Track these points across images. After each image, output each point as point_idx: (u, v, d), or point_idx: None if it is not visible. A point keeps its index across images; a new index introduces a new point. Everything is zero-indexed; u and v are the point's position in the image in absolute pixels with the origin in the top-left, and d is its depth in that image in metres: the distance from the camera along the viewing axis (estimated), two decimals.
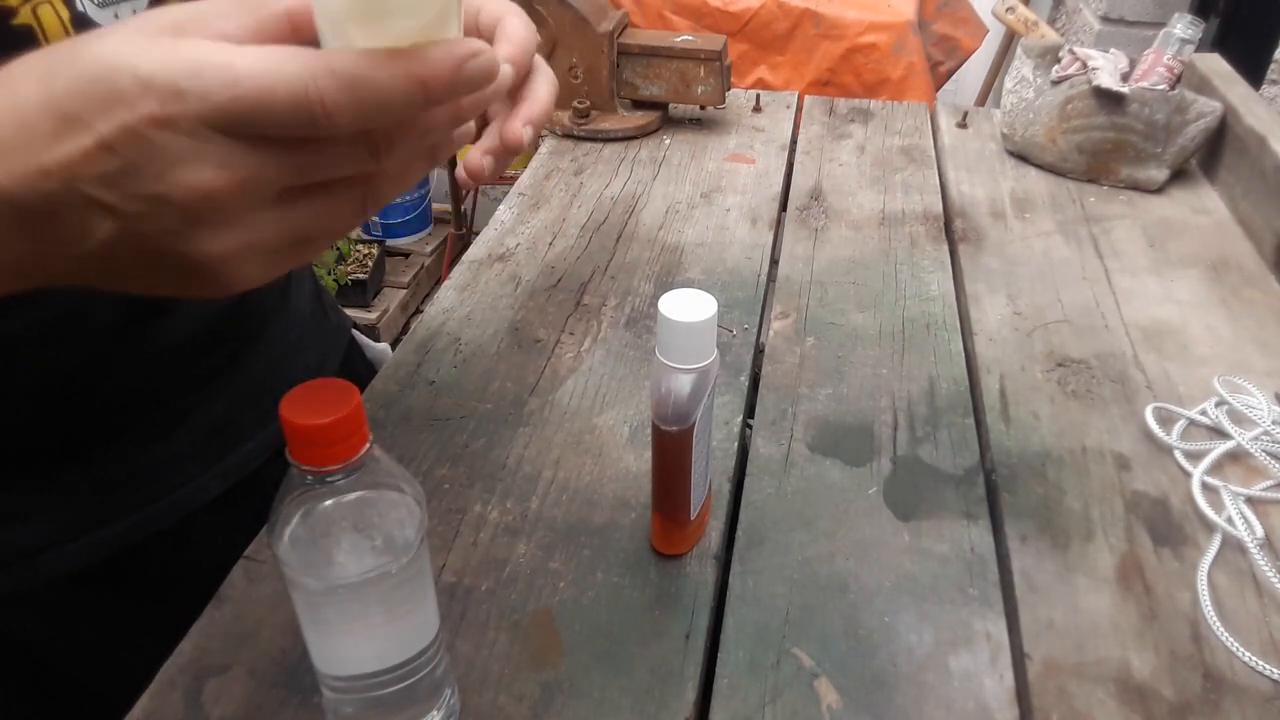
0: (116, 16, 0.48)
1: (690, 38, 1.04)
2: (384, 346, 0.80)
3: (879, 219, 0.90)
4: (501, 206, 0.93)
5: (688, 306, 0.45)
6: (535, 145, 1.04)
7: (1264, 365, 0.70)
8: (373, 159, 0.31)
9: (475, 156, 0.41)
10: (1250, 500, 0.57)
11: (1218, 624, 0.50)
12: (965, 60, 1.94)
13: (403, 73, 0.28)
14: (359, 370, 0.74)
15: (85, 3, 0.47)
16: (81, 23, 0.46)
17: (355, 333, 0.80)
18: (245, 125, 0.28)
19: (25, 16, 0.44)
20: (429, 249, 2.62)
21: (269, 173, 0.29)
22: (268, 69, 0.27)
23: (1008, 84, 1.03)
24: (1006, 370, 0.70)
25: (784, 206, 0.94)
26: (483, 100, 0.34)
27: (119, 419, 0.57)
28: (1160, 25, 1.01)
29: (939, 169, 1.01)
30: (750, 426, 0.65)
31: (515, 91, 0.42)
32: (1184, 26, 0.98)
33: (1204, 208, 0.92)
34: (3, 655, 0.57)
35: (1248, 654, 0.49)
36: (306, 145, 0.30)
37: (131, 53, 0.27)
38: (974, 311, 0.77)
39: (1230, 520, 0.55)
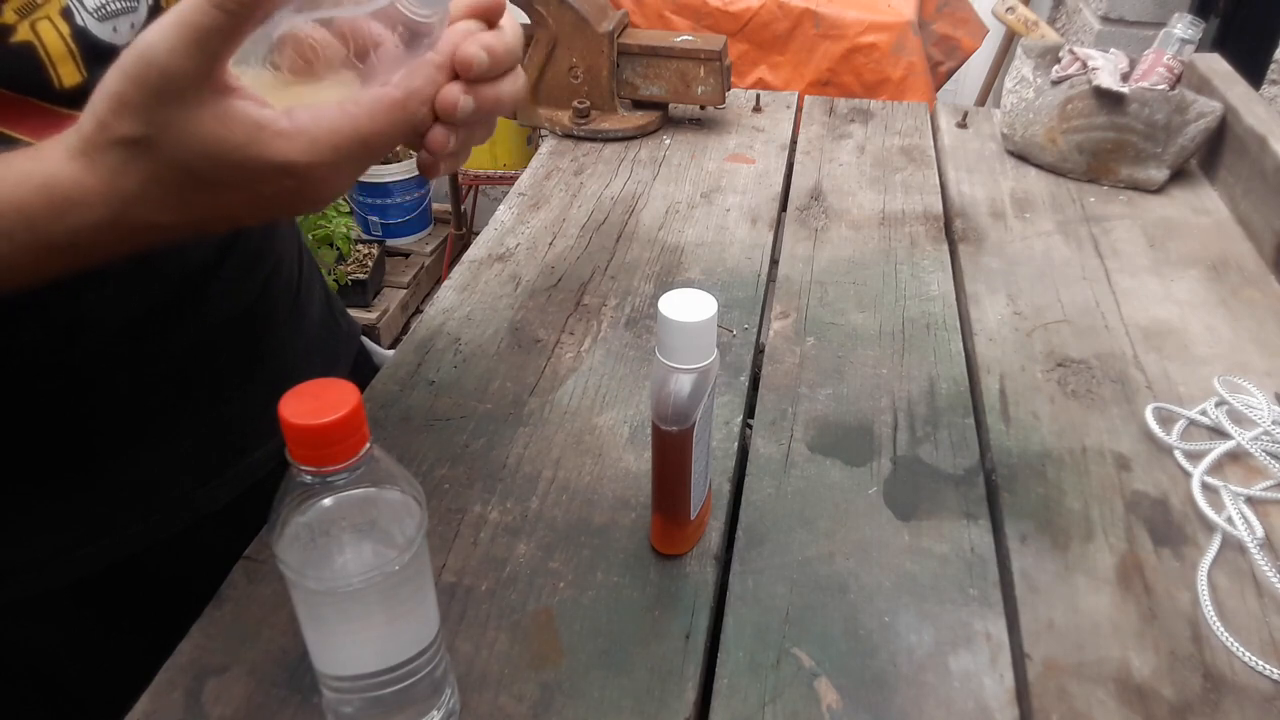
0: (115, 30, 0.48)
1: (690, 38, 1.04)
2: (393, 354, 0.80)
3: (879, 219, 0.90)
4: (501, 206, 0.93)
5: (688, 306, 0.45)
6: (536, 145, 1.04)
7: (1264, 365, 0.70)
8: None
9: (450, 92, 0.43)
10: (1250, 500, 0.57)
11: (1218, 624, 0.50)
12: (965, 60, 1.93)
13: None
14: (367, 378, 0.75)
15: (85, 17, 0.46)
16: (82, 37, 0.46)
17: (365, 340, 0.80)
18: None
19: (24, 33, 0.44)
20: (429, 249, 2.62)
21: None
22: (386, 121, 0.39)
23: (1008, 84, 1.03)
24: (1006, 370, 0.70)
25: (784, 206, 0.94)
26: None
27: (128, 425, 0.57)
28: (1160, 25, 1.01)
29: (939, 169, 1.01)
30: (750, 426, 0.65)
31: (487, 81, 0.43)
32: (1184, 26, 0.98)
33: (1204, 208, 0.92)
34: (6, 661, 0.57)
35: (1248, 654, 0.49)
36: None
37: (253, 150, 0.36)
38: (974, 311, 0.77)
39: (1230, 520, 0.55)
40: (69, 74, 0.46)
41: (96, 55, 0.47)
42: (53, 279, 0.39)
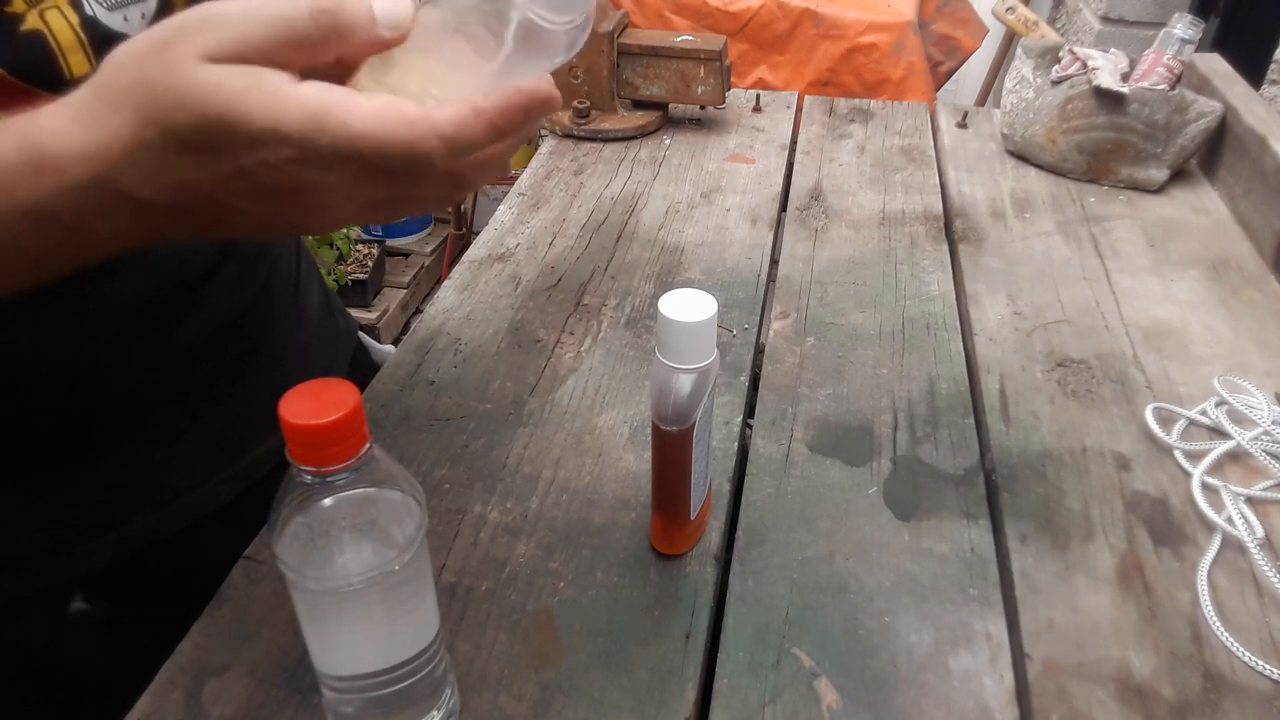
0: (125, 20, 0.48)
1: (690, 38, 1.04)
2: (390, 348, 0.80)
3: (879, 219, 0.90)
4: (501, 206, 0.93)
5: (688, 306, 0.45)
6: (536, 145, 1.04)
7: (1264, 365, 0.70)
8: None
9: None
10: (1250, 500, 0.57)
11: (1218, 624, 0.50)
12: (965, 60, 1.93)
13: (485, 124, 0.35)
14: (365, 374, 0.75)
15: (94, 6, 0.46)
16: (91, 27, 0.46)
17: (362, 335, 0.80)
18: (361, 164, 0.34)
19: (33, 22, 0.44)
20: (429, 249, 2.62)
21: (378, 194, 0.37)
22: (382, 129, 0.33)
23: (1008, 84, 1.03)
24: (1006, 370, 0.70)
25: (784, 206, 0.94)
26: None
27: (128, 422, 0.57)
28: (1160, 25, 1.01)
29: (939, 169, 1.01)
30: (750, 426, 0.65)
31: None
32: (1184, 26, 0.98)
33: (1204, 208, 0.92)
34: (6, 661, 0.57)
35: (1248, 654, 0.49)
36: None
37: (245, 102, 0.32)
38: (974, 311, 0.77)
39: (1230, 520, 0.55)
40: (79, 63, 0.46)
41: (106, 45, 0.47)
42: (47, 279, 0.38)
